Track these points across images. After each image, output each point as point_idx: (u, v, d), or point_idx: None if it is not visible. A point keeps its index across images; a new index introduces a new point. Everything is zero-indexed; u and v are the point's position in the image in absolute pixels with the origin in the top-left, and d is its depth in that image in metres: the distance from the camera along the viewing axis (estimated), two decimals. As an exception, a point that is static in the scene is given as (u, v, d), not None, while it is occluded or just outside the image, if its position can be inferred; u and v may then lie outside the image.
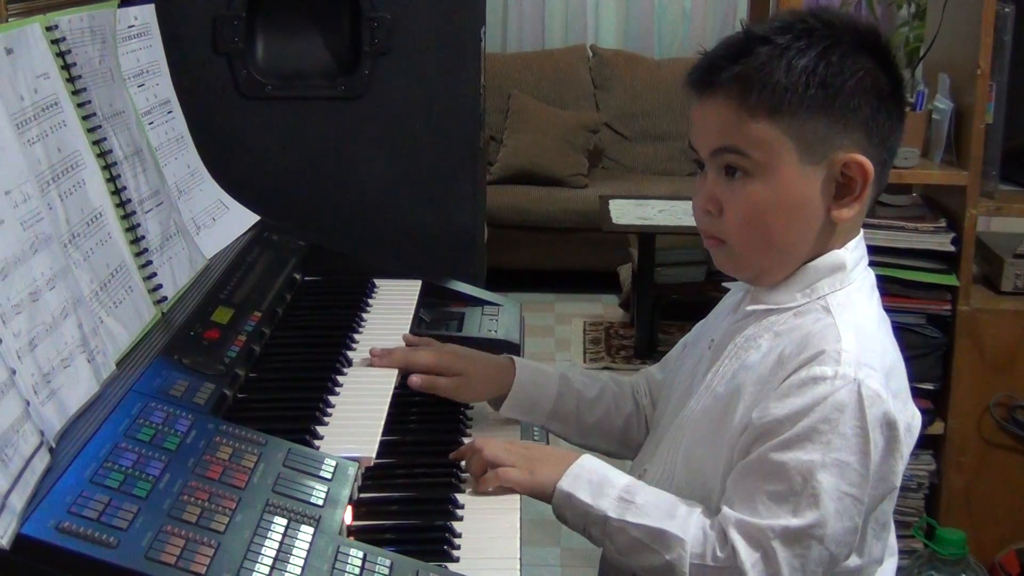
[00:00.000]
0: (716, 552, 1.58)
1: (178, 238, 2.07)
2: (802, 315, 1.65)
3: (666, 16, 7.62)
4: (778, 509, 1.55)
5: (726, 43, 1.66)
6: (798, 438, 1.54)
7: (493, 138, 6.99)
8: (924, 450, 3.48)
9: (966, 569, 3.36)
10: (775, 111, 1.59)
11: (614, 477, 1.70)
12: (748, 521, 1.56)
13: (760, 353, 1.65)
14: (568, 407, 1.99)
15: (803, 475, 1.54)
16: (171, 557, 1.31)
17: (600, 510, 1.67)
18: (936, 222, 3.41)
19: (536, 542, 4.04)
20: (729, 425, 1.63)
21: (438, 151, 2.58)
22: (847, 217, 1.64)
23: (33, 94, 1.69)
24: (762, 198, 1.62)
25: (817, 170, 1.61)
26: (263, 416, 1.76)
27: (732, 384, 1.66)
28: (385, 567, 1.44)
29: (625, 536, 1.65)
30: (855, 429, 1.54)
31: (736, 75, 1.60)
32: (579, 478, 1.71)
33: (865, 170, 1.61)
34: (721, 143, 1.63)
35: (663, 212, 5.80)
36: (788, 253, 1.66)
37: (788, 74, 1.58)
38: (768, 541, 1.55)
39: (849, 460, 1.54)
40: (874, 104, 1.61)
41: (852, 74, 1.59)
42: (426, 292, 2.41)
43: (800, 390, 1.56)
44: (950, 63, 3.49)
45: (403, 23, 2.53)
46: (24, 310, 1.46)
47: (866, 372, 1.56)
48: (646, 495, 1.67)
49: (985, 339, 3.40)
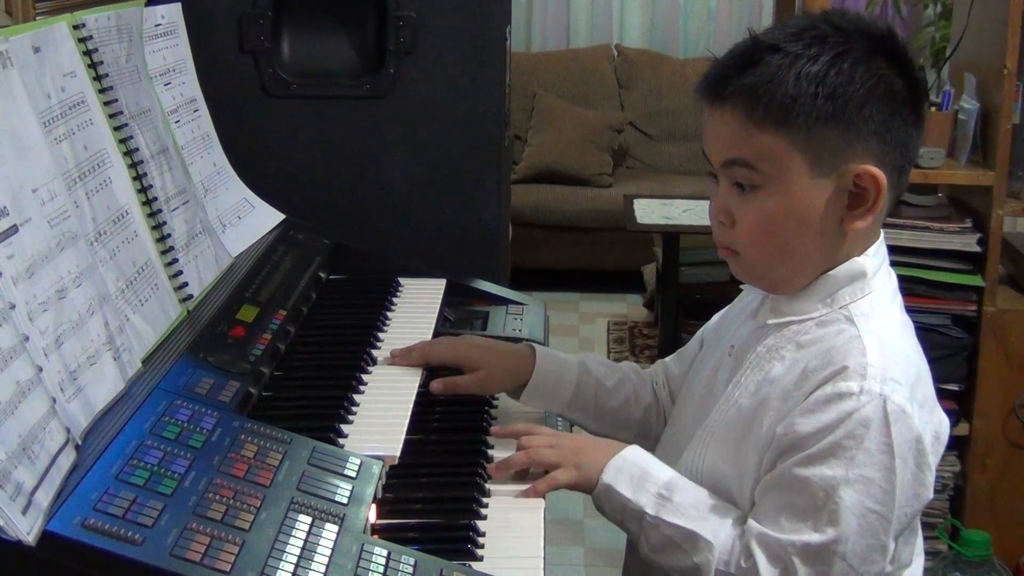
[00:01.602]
0: (741, 563, 1.58)
1: (204, 236, 2.07)
2: (825, 325, 1.63)
3: (691, 15, 7.61)
4: (800, 524, 1.54)
5: (734, 51, 1.63)
6: (822, 453, 1.53)
7: (518, 137, 6.98)
8: (949, 451, 3.46)
9: (991, 571, 3.35)
10: (783, 123, 1.56)
11: (656, 472, 1.70)
12: (769, 535, 1.55)
13: (784, 365, 1.63)
14: (587, 396, 1.98)
15: (825, 491, 1.52)
16: (196, 555, 1.32)
17: (638, 505, 1.66)
18: (962, 222, 3.40)
19: (560, 541, 4.03)
20: (755, 438, 1.62)
21: (463, 150, 2.58)
22: (861, 228, 1.61)
23: (60, 92, 1.70)
24: (772, 211, 1.60)
25: (828, 182, 1.58)
26: (288, 414, 1.77)
27: (756, 398, 1.64)
28: (409, 566, 1.44)
29: (658, 534, 1.65)
30: (880, 445, 1.52)
31: (744, 86, 1.58)
32: (621, 471, 1.70)
33: (878, 182, 1.57)
34: (730, 155, 1.61)
35: (687, 212, 5.79)
36: (802, 264, 1.64)
37: (796, 85, 1.55)
38: (788, 556, 1.54)
39: (874, 477, 1.52)
40: (887, 111, 1.57)
41: (863, 82, 1.56)
42: (450, 291, 2.41)
43: (826, 406, 1.54)
44: (976, 63, 3.48)
45: (428, 22, 2.53)
46: (51, 308, 1.47)
47: (892, 387, 1.54)
48: (685, 494, 1.66)
49: (1011, 340, 3.39)
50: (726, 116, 1.60)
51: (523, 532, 1.68)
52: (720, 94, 1.61)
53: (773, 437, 1.59)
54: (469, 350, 2.01)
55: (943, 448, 1.63)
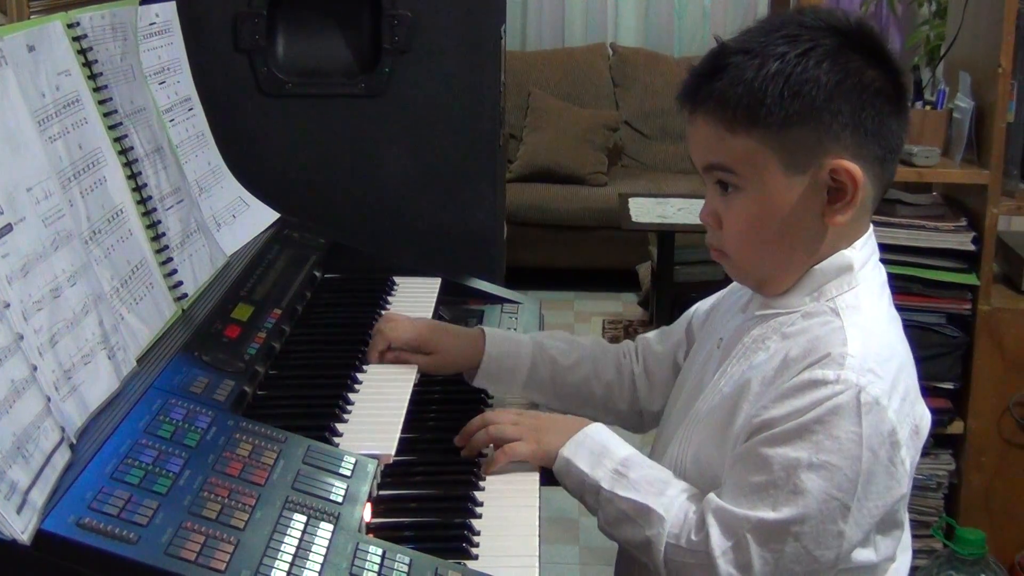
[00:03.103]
0: (691, 536, 1.59)
1: (198, 235, 2.07)
2: (810, 317, 1.64)
3: (686, 14, 7.60)
4: (758, 501, 1.55)
5: (705, 58, 1.65)
6: (787, 434, 1.54)
7: (513, 136, 6.98)
8: (943, 450, 3.47)
9: (985, 569, 3.35)
10: (754, 124, 1.58)
11: (615, 448, 1.73)
12: (727, 509, 1.57)
13: (767, 354, 1.65)
14: (543, 375, 2.01)
15: (787, 470, 1.54)
16: (191, 553, 1.32)
17: (594, 479, 1.70)
18: (957, 221, 3.40)
19: (555, 540, 4.04)
20: (734, 424, 1.63)
21: (458, 149, 2.58)
22: (842, 222, 1.62)
23: (55, 91, 1.70)
24: (752, 211, 1.62)
25: (804, 178, 1.60)
26: (283, 413, 1.77)
27: (738, 384, 1.66)
28: (404, 564, 1.44)
29: (613, 508, 1.68)
30: (850, 434, 1.53)
31: (713, 92, 1.60)
32: (581, 445, 1.74)
33: (854, 176, 1.58)
34: (709, 160, 1.64)
35: (682, 210, 5.79)
36: (787, 262, 1.66)
37: (763, 86, 1.56)
38: (742, 531, 1.55)
39: (839, 464, 1.53)
40: (857, 104, 1.58)
41: (830, 77, 1.56)
42: (445, 290, 2.41)
43: (800, 392, 1.56)
44: (971, 61, 3.48)
45: (423, 21, 2.53)
46: (45, 306, 1.47)
47: (869, 379, 1.55)
48: (641, 471, 1.69)
49: (1005, 339, 3.39)
50: (700, 122, 1.63)
51: (518, 531, 1.68)
52: (694, 101, 1.63)
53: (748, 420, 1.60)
54: (428, 332, 2.04)
55: (923, 442, 1.64)
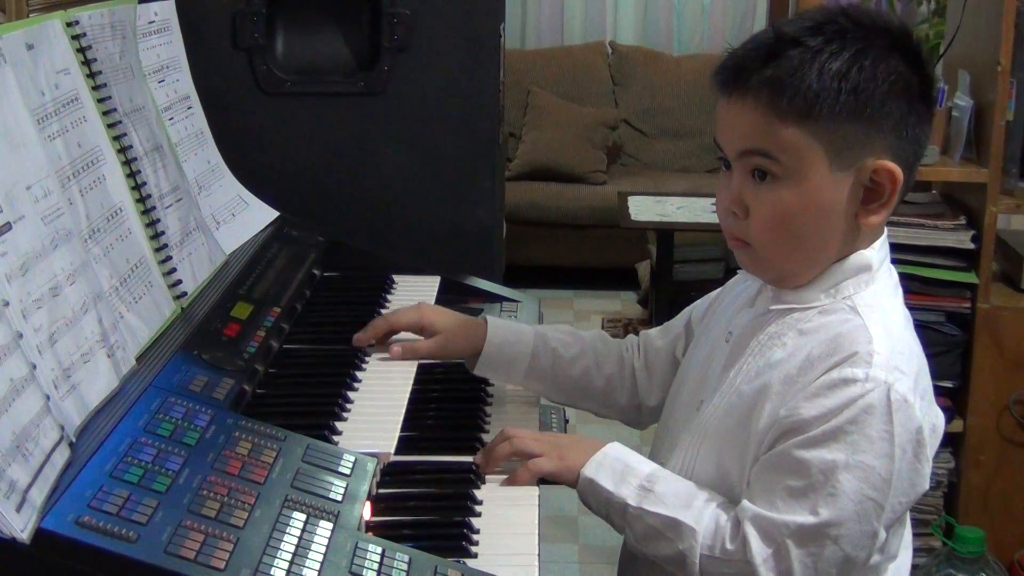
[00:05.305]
0: (726, 545, 1.58)
1: (198, 234, 2.07)
2: (828, 314, 1.64)
3: (685, 12, 7.60)
4: (796, 505, 1.55)
5: (755, 43, 1.63)
6: (824, 437, 1.54)
7: (512, 134, 6.98)
8: (943, 448, 3.44)
9: (985, 567, 3.35)
10: (806, 117, 1.56)
11: (637, 465, 1.71)
12: (764, 515, 1.56)
13: (785, 352, 1.64)
14: (544, 366, 2.00)
15: (824, 473, 1.53)
16: (190, 552, 1.32)
17: (620, 497, 1.67)
18: (956, 219, 3.40)
19: (554, 539, 4.03)
20: (756, 423, 1.62)
21: (457, 147, 2.58)
22: (875, 223, 1.64)
23: (54, 90, 1.70)
24: (790, 203, 1.60)
25: (846, 176, 1.59)
26: (282, 411, 1.77)
27: (757, 383, 1.65)
28: (403, 563, 1.44)
29: (642, 524, 1.66)
30: (882, 433, 1.53)
31: (767, 79, 1.58)
32: (602, 465, 1.71)
33: (895, 177, 1.59)
34: (749, 146, 1.61)
35: (681, 209, 5.78)
36: (813, 257, 1.65)
37: (820, 80, 1.55)
38: (782, 537, 1.55)
39: (874, 464, 1.53)
40: (904, 107, 1.59)
41: (885, 79, 1.57)
42: (445, 288, 2.41)
43: (831, 390, 1.55)
44: (970, 60, 3.48)
45: (423, 19, 2.53)
46: (44, 305, 1.47)
47: (896, 376, 1.55)
48: (666, 484, 1.67)
49: (1004, 337, 3.39)
50: (747, 107, 1.60)
51: (518, 529, 1.68)
52: (741, 85, 1.60)
53: (775, 420, 1.59)
54: (432, 314, 2.04)
55: (938, 442, 1.64)
